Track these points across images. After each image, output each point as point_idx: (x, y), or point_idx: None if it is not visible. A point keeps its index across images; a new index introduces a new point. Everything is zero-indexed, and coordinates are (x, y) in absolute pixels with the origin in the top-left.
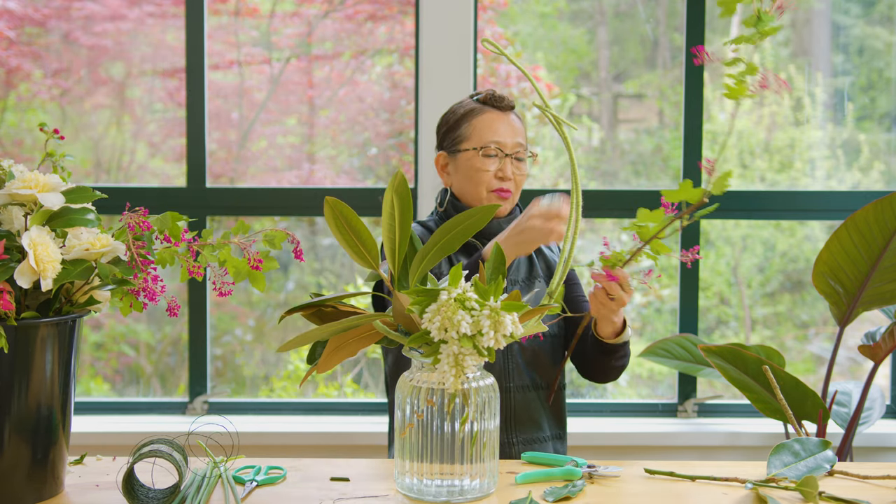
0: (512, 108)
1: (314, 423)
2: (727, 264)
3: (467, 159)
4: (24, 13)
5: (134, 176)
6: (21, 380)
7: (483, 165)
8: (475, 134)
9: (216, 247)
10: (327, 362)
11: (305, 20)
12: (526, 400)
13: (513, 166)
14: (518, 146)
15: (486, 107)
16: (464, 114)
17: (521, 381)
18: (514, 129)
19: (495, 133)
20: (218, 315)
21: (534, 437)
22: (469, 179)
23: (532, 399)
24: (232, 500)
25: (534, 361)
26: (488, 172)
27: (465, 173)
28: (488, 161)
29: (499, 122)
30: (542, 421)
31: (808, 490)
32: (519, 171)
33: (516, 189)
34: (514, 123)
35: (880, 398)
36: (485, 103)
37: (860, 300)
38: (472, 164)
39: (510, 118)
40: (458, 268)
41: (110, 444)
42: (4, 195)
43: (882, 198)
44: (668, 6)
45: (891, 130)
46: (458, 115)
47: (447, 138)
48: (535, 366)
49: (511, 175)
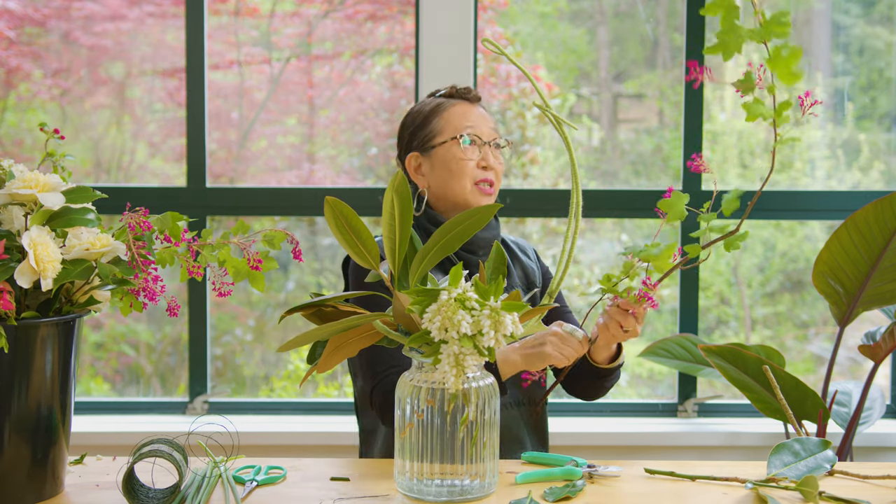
0: (479, 99)
1: (314, 423)
2: (727, 264)
3: (445, 151)
4: (24, 13)
5: (134, 176)
6: (21, 380)
7: (464, 154)
8: (448, 125)
9: (216, 247)
10: (327, 362)
11: (305, 20)
12: (508, 417)
13: (494, 154)
14: (494, 133)
15: (454, 99)
16: (431, 110)
17: (502, 398)
18: (487, 118)
19: (469, 121)
20: (218, 315)
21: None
22: (450, 172)
23: (514, 416)
24: (232, 500)
25: (516, 378)
26: (470, 161)
27: (445, 167)
28: (469, 149)
29: (470, 111)
30: (525, 438)
31: (808, 490)
32: (498, 160)
33: (497, 181)
34: (485, 114)
35: (880, 398)
36: (451, 97)
37: (860, 300)
38: (453, 155)
39: (481, 108)
40: (459, 268)
41: (110, 444)
42: (4, 195)
43: (882, 198)
44: (668, 6)
45: (891, 130)
46: (426, 112)
47: (416, 138)
48: (517, 382)
49: (494, 163)
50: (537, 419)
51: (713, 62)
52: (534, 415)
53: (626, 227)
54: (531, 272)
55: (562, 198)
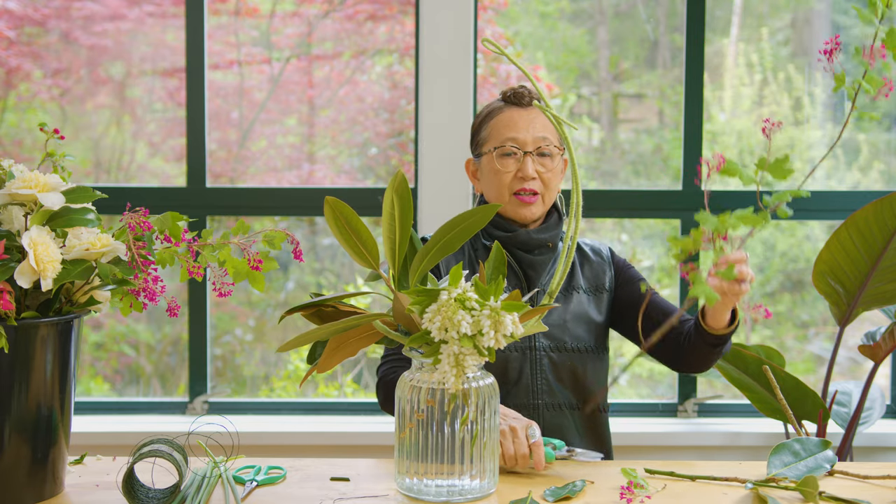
0: (531, 103)
1: (314, 423)
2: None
3: (488, 161)
4: (24, 13)
5: (134, 176)
6: (21, 380)
7: (502, 167)
8: (493, 135)
9: (216, 247)
10: (327, 362)
11: (305, 20)
12: (557, 420)
13: (536, 163)
14: (540, 141)
15: (507, 105)
16: (485, 115)
17: (551, 398)
18: (535, 124)
19: (512, 130)
20: (218, 315)
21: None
22: (490, 183)
23: (564, 419)
24: (232, 500)
25: (568, 378)
26: (508, 174)
27: (487, 177)
28: (507, 161)
29: (518, 118)
30: (575, 443)
31: (808, 490)
32: (545, 167)
33: (546, 189)
34: (536, 117)
35: (880, 398)
36: (506, 101)
37: (860, 300)
38: (492, 167)
39: (532, 113)
40: (458, 268)
41: (110, 444)
42: (4, 195)
43: (882, 198)
44: (668, 6)
45: (891, 130)
46: (481, 118)
47: (473, 143)
48: (569, 383)
49: (533, 173)
50: (594, 423)
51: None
52: (588, 415)
53: (626, 227)
54: (601, 273)
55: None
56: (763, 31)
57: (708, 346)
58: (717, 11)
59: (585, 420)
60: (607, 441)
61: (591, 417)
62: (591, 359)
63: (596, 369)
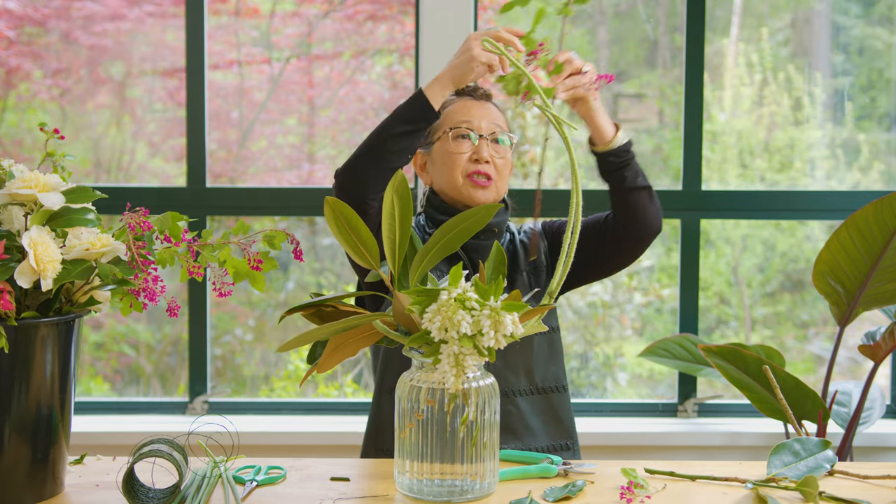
0: (488, 97)
1: (314, 423)
2: (727, 264)
3: (440, 146)
4: (24, 13)
5: (134, 176)
6: (21, 380)
7: (456, 147)
8: (446, 121)
9: (216, 247)
10: (327, 362)
11: (305, 20)
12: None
13: (490, 148)
14: (494, 127)
15: (461, 96)
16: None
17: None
18: (490, 113)
19: (467, 115)
20: (218, 315)
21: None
22: (444, 166)
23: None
24: (232, 500)
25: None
26: (462, 155)
27: (440, 161)
28: (461, 143)
29: (472, 107)
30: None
31: (808, 490)
32: (498, 153)
33: (498, 176)
34: (490, 109)
35: (880, 398)
36: (459, 94)
37: (860, 300)
38: (446, 149)
39: (486, 105)
40: (458, 268)
41: (110, 444)
42: (4, 195)
43: (882, 198)
44: (668, 6)
45: (891, 130)
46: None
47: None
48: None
49: (488, 157)
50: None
51: (713, 62)
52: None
53: None
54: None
55: (562, 198)
56: (763, 31)
57: (610, 174)
58: (717, 11)
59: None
60: (567, 422)
61: (546, 399)
62: (539, 340)
63: (545, 351)
